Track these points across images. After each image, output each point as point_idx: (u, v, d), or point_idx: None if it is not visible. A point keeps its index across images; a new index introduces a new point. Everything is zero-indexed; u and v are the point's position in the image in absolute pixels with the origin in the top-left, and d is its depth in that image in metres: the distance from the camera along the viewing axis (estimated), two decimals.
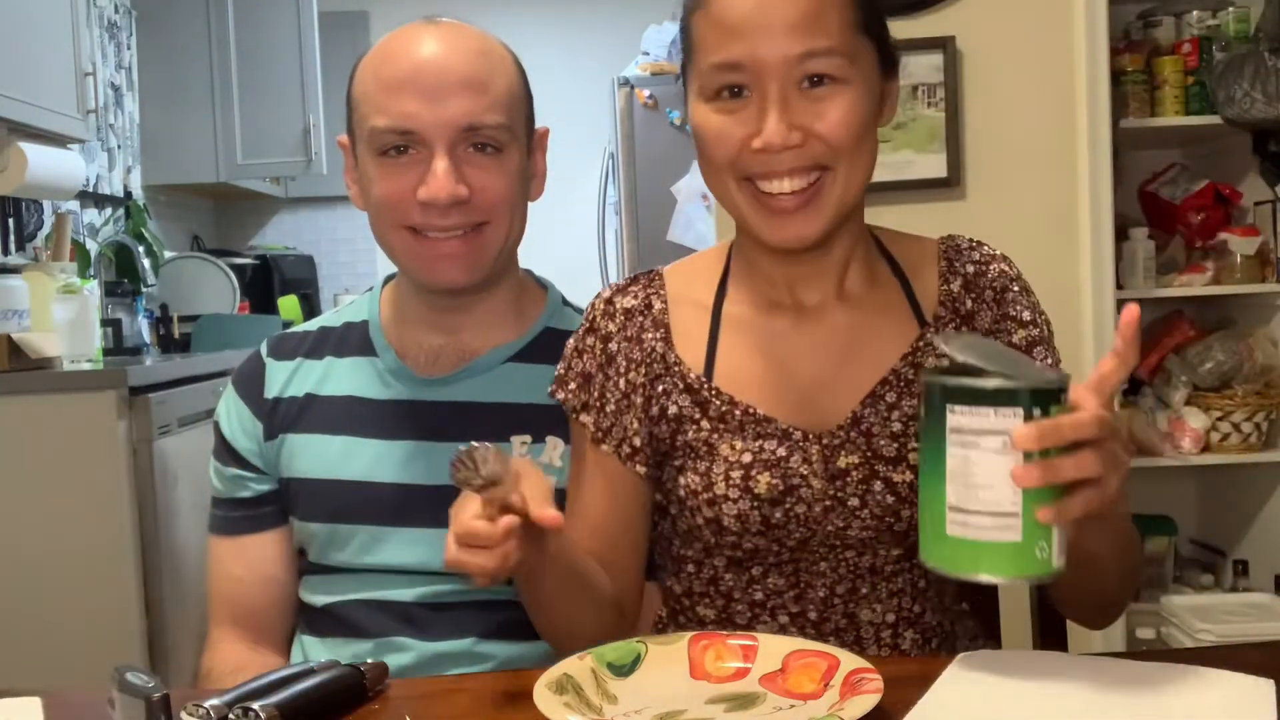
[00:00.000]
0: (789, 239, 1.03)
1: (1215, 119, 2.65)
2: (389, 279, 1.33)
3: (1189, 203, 2.87)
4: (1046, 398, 0.78)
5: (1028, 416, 0.77)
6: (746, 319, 1.11)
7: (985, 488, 0.79)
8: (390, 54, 1.18)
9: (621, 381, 1.11)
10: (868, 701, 0.79)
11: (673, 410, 1.09)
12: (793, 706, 0.86)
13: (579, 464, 1.14)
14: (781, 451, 1.05)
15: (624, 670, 0.91)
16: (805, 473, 1.04)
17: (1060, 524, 0.79)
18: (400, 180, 1.16)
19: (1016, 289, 1.12)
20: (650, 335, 1.11)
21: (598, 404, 1.11)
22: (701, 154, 1.05)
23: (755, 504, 1.04)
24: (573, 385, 1.13)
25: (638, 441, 1.10)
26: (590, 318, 1.15)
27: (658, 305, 1.13)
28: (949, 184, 2.48)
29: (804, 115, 0.99)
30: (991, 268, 1.12)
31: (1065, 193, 2.52)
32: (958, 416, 0.79)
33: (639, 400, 1.10)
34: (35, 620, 2.29)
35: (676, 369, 1.10)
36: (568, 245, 4.46)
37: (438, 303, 1.24)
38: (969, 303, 1.11)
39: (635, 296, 1.14)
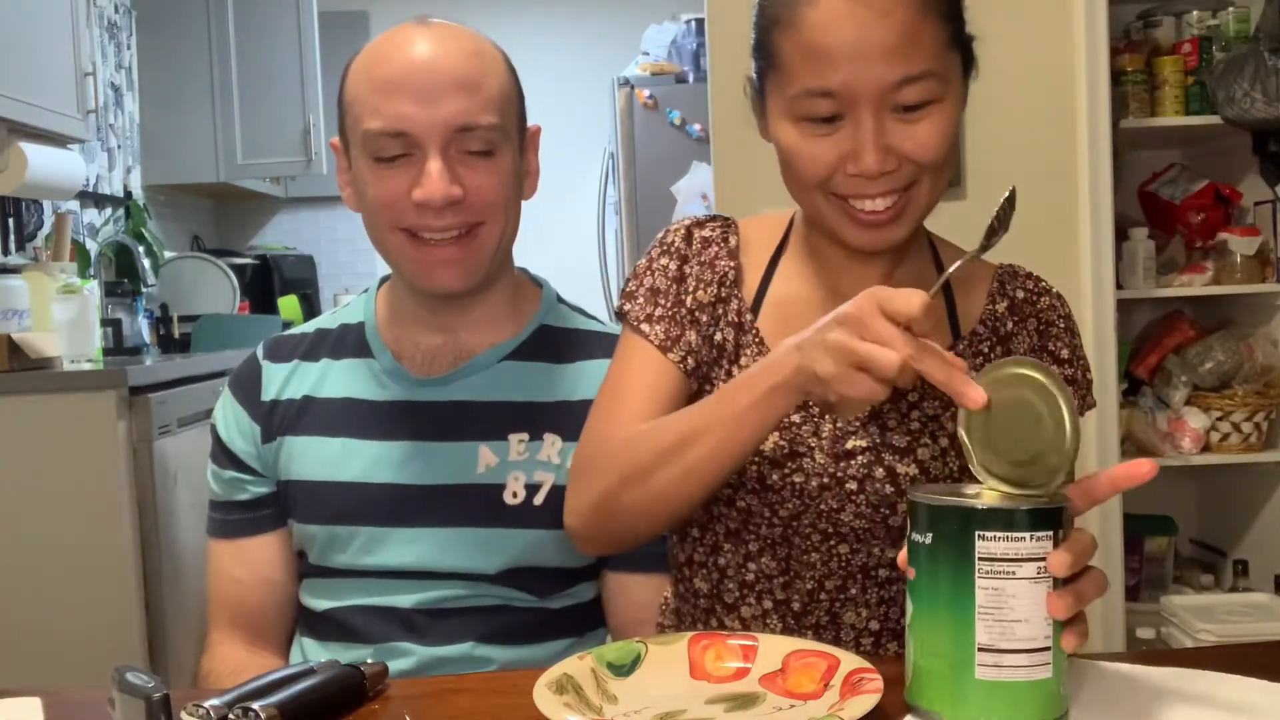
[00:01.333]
0: (874, 243, 1.04)
1: (1215, 119, 2.65)
2: (384, 280, 1.33)
3: (1189, 203, 2.87)
4: (1067, 512, 0.74)
5: (1056, 539, 0.73)
6: (791, 293, 1.12)
7: (1022, 622, 0.73)
8: (382, 56, 1.17)
9: (689, 299, 1.12)
10: (868, 701, 0.79)
11: (718, 339, 1.11)
12: (793, 706, 0.86)
13: (637, 372, 1.10)
14: (795, 418, 1.06)
15: (624, 670, 0.91)
16: (812, 444, 1.05)
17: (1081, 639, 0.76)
18: (395, 182, 1.16)
19: (1062, 325, 1.12)
20: (724, 263, 1.13)
21: (669, 314, 1.11)
22: (788, 170, 1.04)
23: (756, 459, 1.05)
24: (640, 299, 1.13)
25: (695, 360, 1.10)
26: (667, 242, 1.15)
27: (733, 241, 1.15)
28: (949, 184, 2.48)
29: (897, 137, 0.98)
30: (1042, 300, 1.13)
31: (1065, 193, 2.52)
32: (989, 544, 0.73)
33: (704, 319, 1.11)
34: (35, 620, 2.29)
35: (738, 300, 1.12)
36: (568, 245, 4.46)
37: (434, 304, 1.24)
38: (1010, 324, 1.11)
39: (713, 230, 1.16)
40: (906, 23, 0.95)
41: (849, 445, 1.05)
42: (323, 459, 1.23)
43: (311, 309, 4.60)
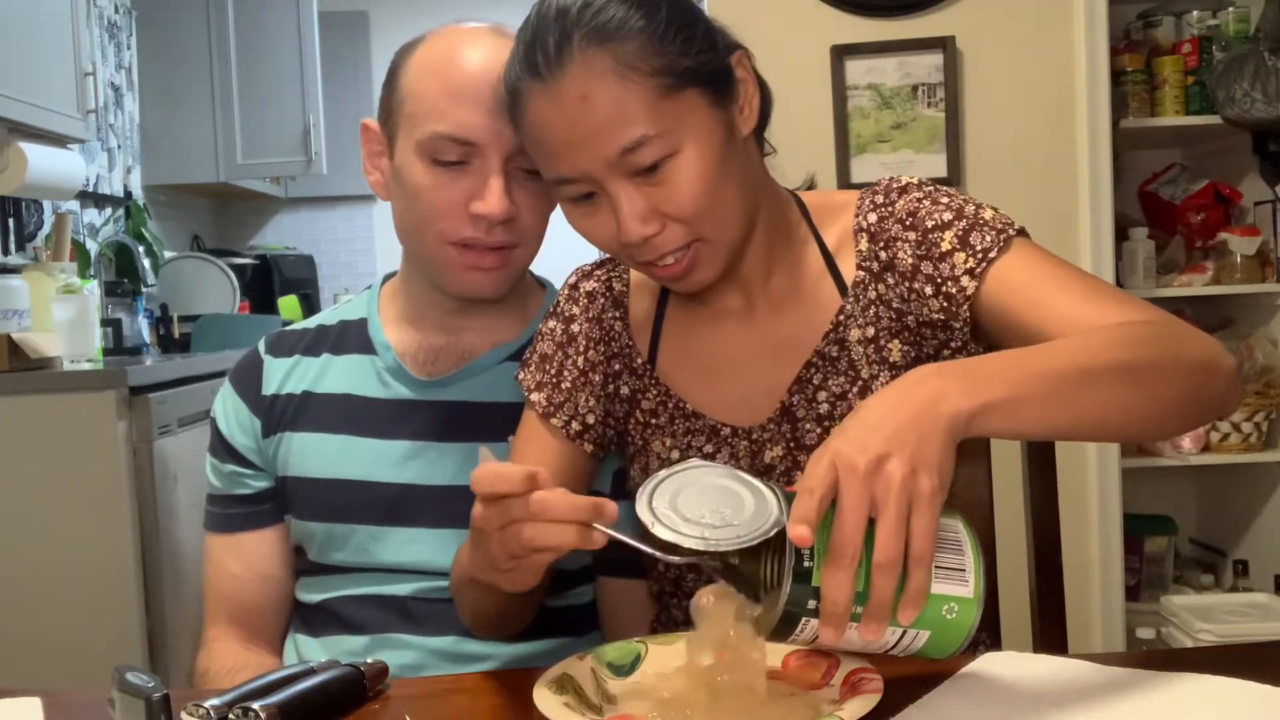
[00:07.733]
0: (690, 288, 1.04)
1: (1215, 119, 2.65)
2: (388, 277, 1.32)
3: (1189, 203, 2.87)
4: (803, 579, 0.74)
5: (816, 612, 0.74)
6: (686, 316, 1.13)
7: (863, 652, 0.79)
8: (455, 58, 1.15)
9: (580, 359, 1.13)
10: (868, 701, 0.79)
11: (625, 391, 1.12)
12: (793, 695, 0.85)
13: (522, 443, 1.13)
14: (709, 448, 1.07)
15: (624, 670, 0.91)
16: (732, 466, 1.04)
17: (925, 596, 0.75)
18: (451, 190, 1.14)
19: (929, 203, 1.04)
20: (610, 315, 1.14)
21: (552, 381, 1.13)
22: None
23: None
24: (532, 367, 1.15)
25: (590, 419, 1.12)
26: (556, 303, 1.18)
27: (618, 287, 1.16)
28: (949, 184, 2.48)
29: (652, 198, 0.96)
30: (899, 201, 1.05)
31: (1065, 193, 2.52)
32: (775, 637, 0.78)
33: (597, 378, 1.12)
34: (35, 620, 2.29)
35: (629, 350, 1.13)
36: (567, 245, 4.46)
37: (448, 304, 1.24)
38: (881, 251, 1.05)
39: (598, 280, 1.17)
40: (605, 99, 0.93)
41: (767, 459, 1.06)
42: (323, 455, 1.23)
43: (311, 309, 4.60)
